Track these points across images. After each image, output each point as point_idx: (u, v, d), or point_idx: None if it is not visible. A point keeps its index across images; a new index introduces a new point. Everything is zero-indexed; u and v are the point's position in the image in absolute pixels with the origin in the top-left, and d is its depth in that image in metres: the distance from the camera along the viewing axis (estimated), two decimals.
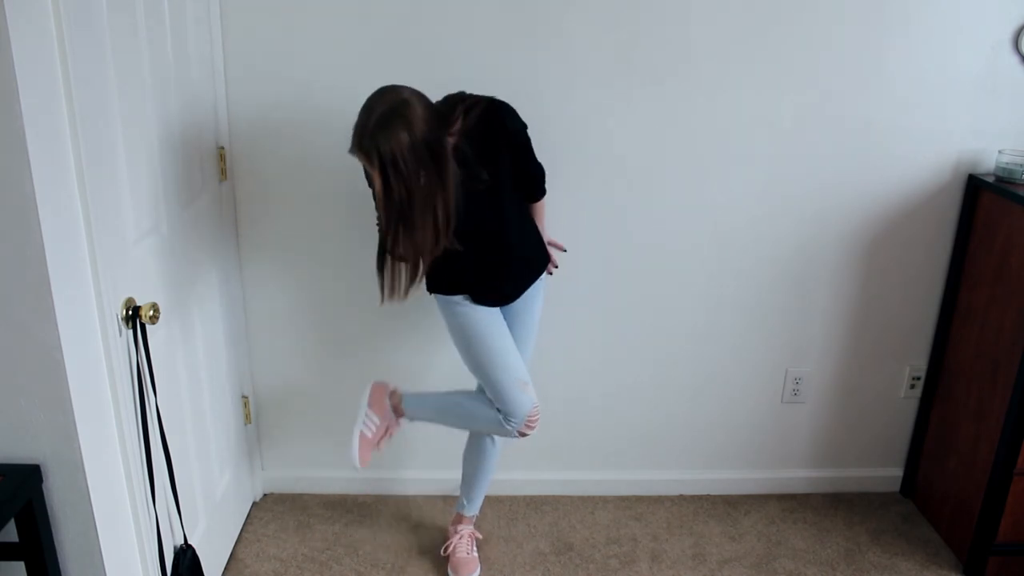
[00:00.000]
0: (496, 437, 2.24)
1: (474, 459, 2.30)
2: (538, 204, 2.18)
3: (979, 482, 2.34)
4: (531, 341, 2.21)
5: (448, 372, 2.29)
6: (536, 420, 2.05)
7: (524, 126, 1.94)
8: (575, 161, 2.33)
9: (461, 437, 2.32)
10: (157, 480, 1.74)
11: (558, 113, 2.27)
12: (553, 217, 2.34)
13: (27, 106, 1.28)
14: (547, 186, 2.14)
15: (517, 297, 2.11)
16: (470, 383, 2.19)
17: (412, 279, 1.85)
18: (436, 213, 1.76)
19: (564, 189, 2.34)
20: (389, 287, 1.88)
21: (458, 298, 2.04)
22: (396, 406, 2.20)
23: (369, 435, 2.14)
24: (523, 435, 2.06)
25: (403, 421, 2.22)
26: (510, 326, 2.12)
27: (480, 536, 2.46)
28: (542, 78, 2.24)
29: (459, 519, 2.40)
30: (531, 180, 2.08)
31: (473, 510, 2.39)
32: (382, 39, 2.19)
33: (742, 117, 2.32)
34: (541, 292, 2.19)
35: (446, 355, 2.30)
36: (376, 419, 2.16)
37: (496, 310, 2.09)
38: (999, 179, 2.32)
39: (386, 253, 1.85)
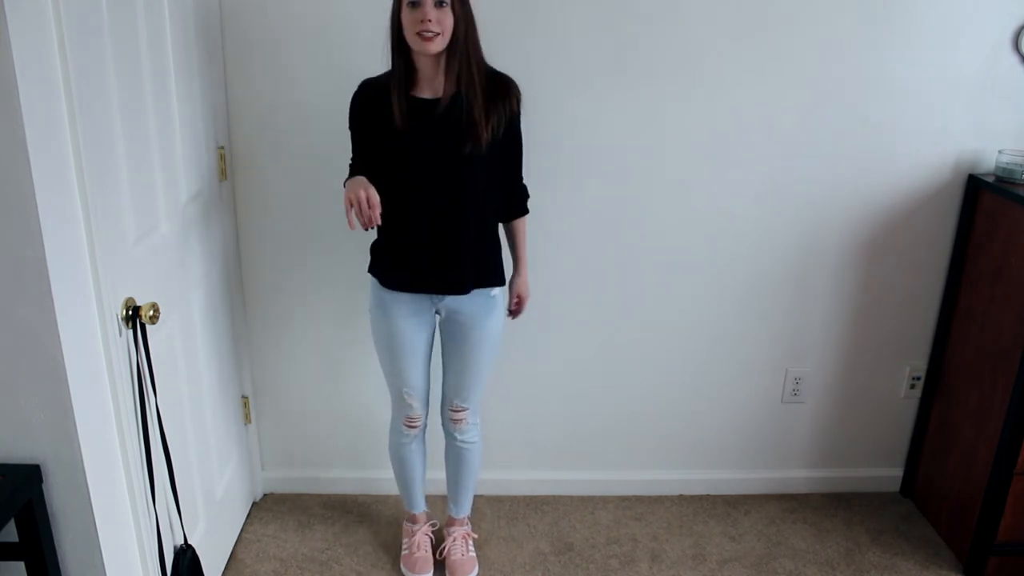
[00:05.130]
0: (471, 439, 2.25)
1: (453, 465, 2.31)
2: (519, 227, 2.11)
3: (979, 482, 2.34)
4: (471, 361, 2.12)
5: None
6: (413, 419, 2.21)
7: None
8: (574, 161, 2.33)
9: None
10: (157, 480, 1.74)
11: (555, 113, 2.27)
12: (552, 217, 2.34)
13: (27, 106, 1.28)
14: (546, 188, 2.14)
15: (422, 291, 2.03)
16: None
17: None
18: (479, 56, 1.89)
19: (562, 189, 2.34)
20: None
21: (381, 292, 2.06)
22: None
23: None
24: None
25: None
26: (447, 343, 2.14)
27: (476, 536, 2.46)
28: (540, 77, 2.24)
29: (450, 522, 2.40)
30: (515, 191, 2.07)
31: (462, 512, 2.39)
32: (381, 39, 2.19)
33: (741, 117, 2.32)
34: (488, 320, 2.08)
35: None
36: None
37: (416, 321, 2.07)
38: (999, 179, 2.32)
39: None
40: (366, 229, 1.81)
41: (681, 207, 2.40)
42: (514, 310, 2.21)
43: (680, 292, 2.50)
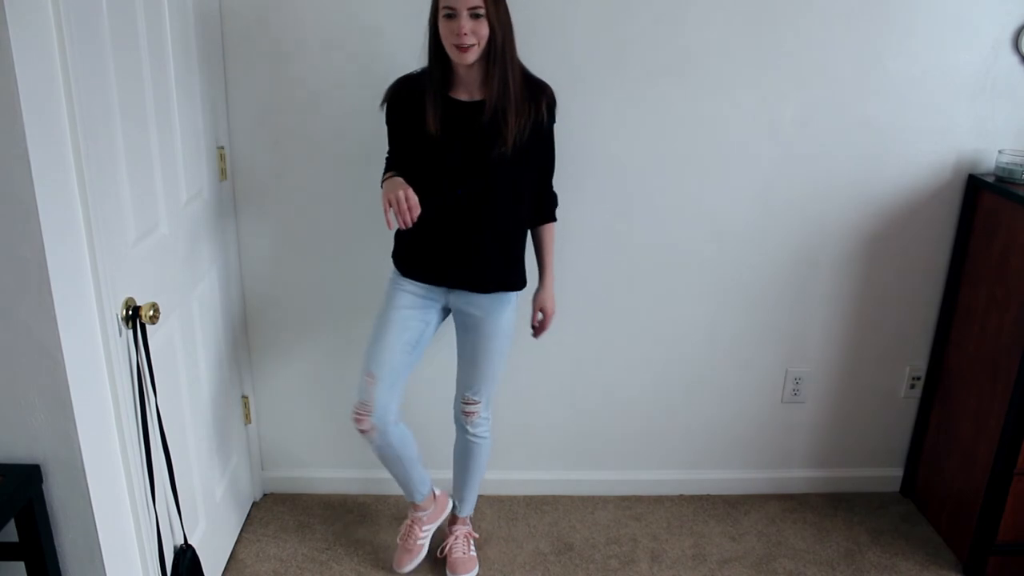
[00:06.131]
0: (481, 434, 2.25)
1: (461, 458, 2.31)
2: (546, 236, 2.14)
3: (979, 482, 2.34)
4: (482, 354, 2.13)
5: (450, 371, 2.29)
6: (362, 418, 2.07)
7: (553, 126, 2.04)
8: (574, 161, 2.33)
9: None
10: (157, 480, 1.74)
11: (555, 113, 2.27)
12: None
13: (27, 106, 1.28)
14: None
15: (440, 284, 2.06)
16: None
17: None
18: (516, 61, 1.89)
19: (563, 189, 2.33)
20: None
21: (397, 277, 2.07)
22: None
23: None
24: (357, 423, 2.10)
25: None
26: (460, 335, 2.15)
27: (477, 536, 2.46)
28: (539, 76, 2.24)
29: (453, 520, 2.41)
30: (544, 197, 2.11)
31: (466, 510, 2.39)
32: (381, 39, 2.19)
33: (742, 117, 2.32)
34: (499, 316, 2.09)
35: (447, 355, 2.30)
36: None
37: (420, 305, 2.08)
38: (999, 179, 2.32)
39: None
40: (401, 229, 1.84)
41: (681, 206, 2.40)
42: (537, 327, 2.20)
43: (679, 291, 2.50)
